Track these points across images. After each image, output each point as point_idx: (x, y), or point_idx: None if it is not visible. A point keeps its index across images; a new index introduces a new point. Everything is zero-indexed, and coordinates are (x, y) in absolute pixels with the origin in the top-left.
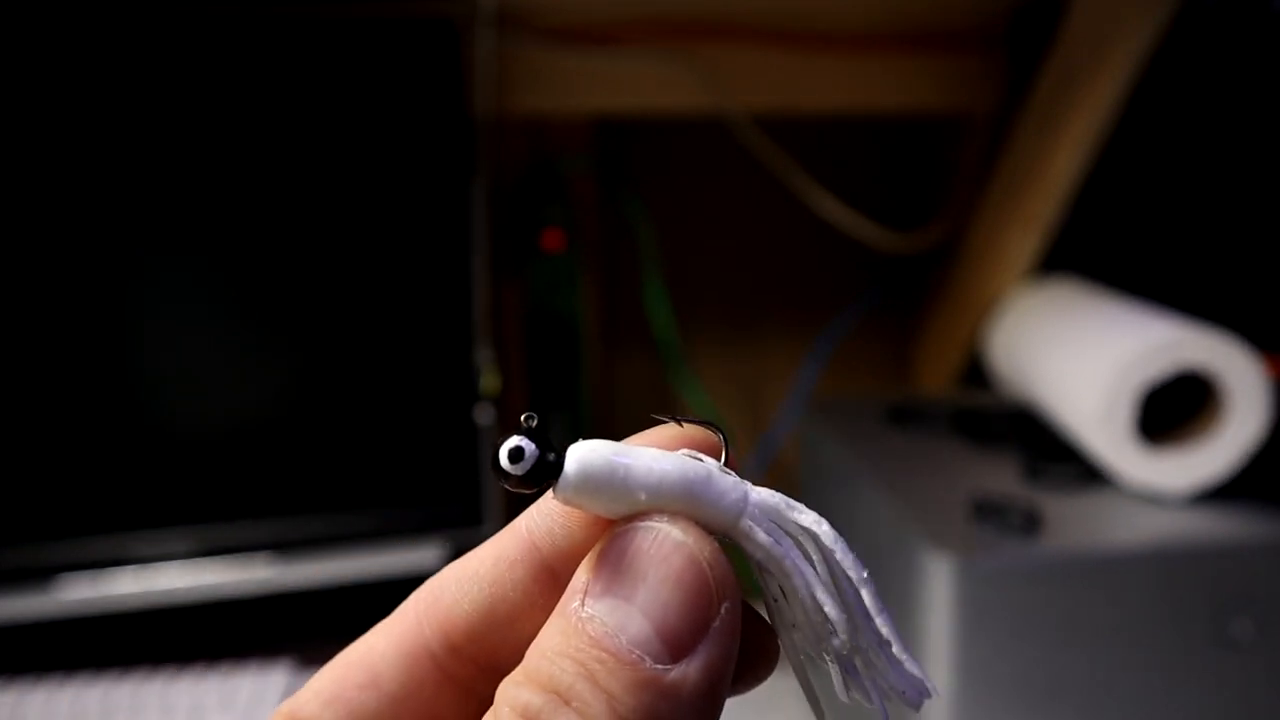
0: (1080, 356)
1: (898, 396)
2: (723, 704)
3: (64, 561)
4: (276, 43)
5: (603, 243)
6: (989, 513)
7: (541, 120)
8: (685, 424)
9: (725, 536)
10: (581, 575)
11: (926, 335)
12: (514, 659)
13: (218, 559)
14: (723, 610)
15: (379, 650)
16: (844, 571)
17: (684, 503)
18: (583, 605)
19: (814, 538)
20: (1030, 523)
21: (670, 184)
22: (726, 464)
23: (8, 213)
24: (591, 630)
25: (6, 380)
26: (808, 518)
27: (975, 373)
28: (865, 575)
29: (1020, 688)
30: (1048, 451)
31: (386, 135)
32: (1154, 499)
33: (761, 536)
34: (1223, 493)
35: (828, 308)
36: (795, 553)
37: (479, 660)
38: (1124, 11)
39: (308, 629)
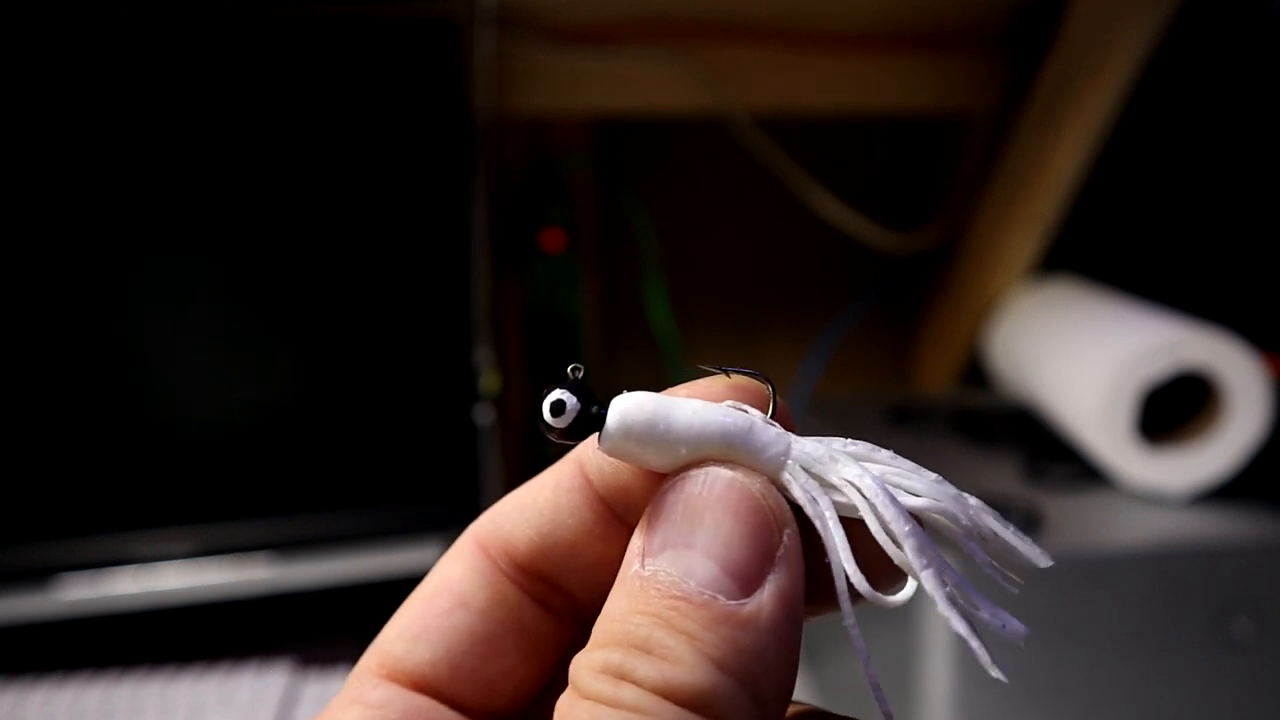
0: (1080, 356)
1: (898, 396)
2: (801, 628)
3: (64, 561)
4: (277, 42)
5: (603, 243)
6: None
7: (541, 120)
8: (732, 375)
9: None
10: (636, 540)
11: (926, 335)
12: (577, 584)
13: (218, 559)
14: (785, 538)
15: (455, 575)
16: (889, 523)
17: (725, 455)
18: (643, 566)
19: (859, 491)
20: (1030, 523)
21: (670, 184)
22: (774, 415)
23: (10, 212)
24: (657, 584)
25: (7, 380)
26: (851, 470)
27: (975, 373)
28: (909, 529)
29: (1020, 688)
30: (1048, 451)
31: (387, 135)
32: (1154, 499)
33: (798, 492)
34: (1223, 493)
35: (828, 308)
36: (830, 512)
37: (547, 580)
38: (1124, 11)
39: (308, 629)
